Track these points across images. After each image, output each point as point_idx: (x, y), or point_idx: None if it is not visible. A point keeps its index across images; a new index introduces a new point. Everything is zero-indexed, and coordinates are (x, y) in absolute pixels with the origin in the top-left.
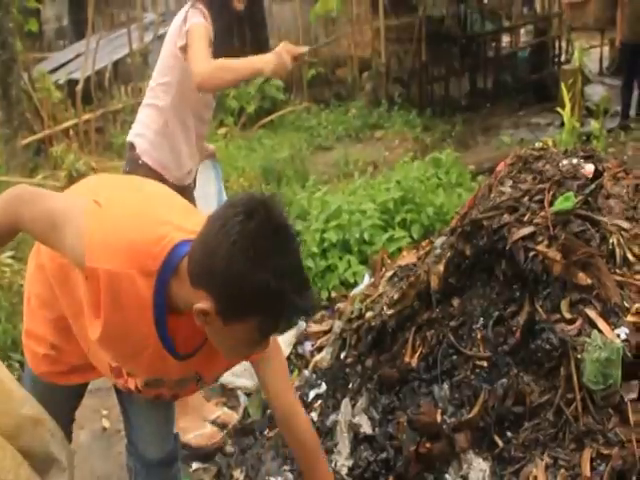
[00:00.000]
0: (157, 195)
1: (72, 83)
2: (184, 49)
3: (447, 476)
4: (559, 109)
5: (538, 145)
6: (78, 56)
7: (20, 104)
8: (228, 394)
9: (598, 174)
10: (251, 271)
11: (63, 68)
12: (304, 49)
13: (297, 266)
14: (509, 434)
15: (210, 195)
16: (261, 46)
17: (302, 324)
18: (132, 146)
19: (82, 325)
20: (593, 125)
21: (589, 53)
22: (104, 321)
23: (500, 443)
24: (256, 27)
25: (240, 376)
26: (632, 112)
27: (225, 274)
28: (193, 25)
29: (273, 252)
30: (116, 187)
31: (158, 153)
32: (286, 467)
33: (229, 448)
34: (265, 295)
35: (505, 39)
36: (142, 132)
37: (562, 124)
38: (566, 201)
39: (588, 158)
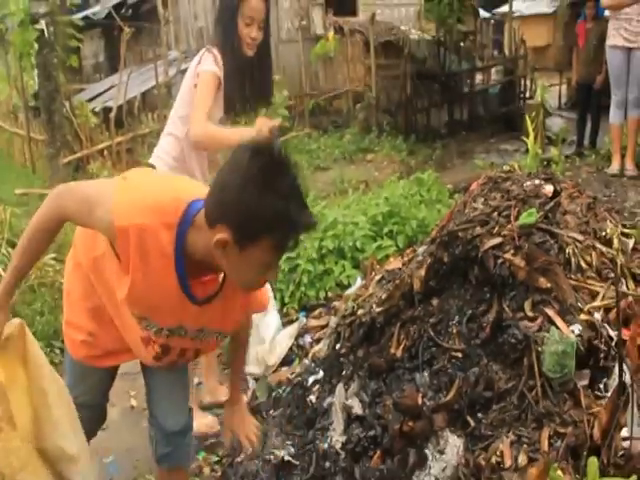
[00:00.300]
0: (175, 177)
1: (107, 110)
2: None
3: (426, 451)
4: (524, 138)
5: (506, 168)
6: (112, 87)
7: (62, 128)
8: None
9: (556, 193)
10: (260, 195)
11: (99, 97)
12: (277, 121)
13: (298, 189)
14: (480, 415)
15: None
16: (267, 88)
17: (303, 320)
18: (153, 167)
19: (115, 302)
20: (553, 152)
21: (550, 90)
22: (132, 276)
23: (472, 423)
24: (263, 71)
25: (249, 364)
26: (586, 141)
27: (238, 202)
28: (202, 72)
29: (277, 179)
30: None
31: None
32: (288, 442)
33: None
34: (273, 215)
35: (478, 77)
36: (162, 156)
37: (527, 150)
38: (529, 216)
39: (548, 180)
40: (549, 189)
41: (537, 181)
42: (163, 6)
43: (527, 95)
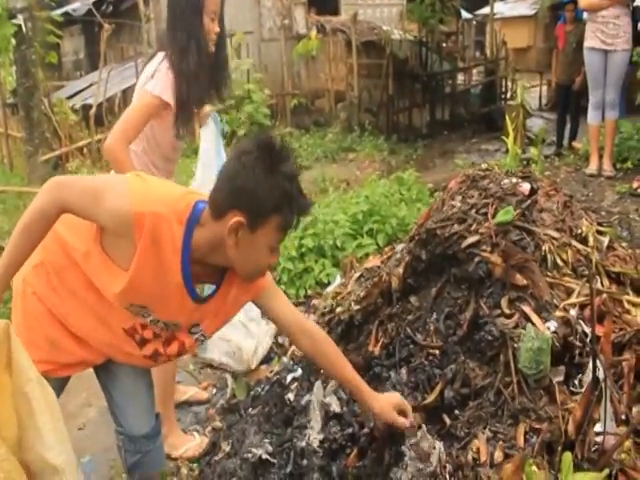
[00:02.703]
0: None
1: (86, 108)
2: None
3: (404, 448)
4: (504, 138)
5: (484, 166)
6: (92, 84)
7: (41, 125)
8: (218, 377)
9: (533, 192)
10: (268, 178)
11: (79, 95)
12: None
13: (298, 173)
14: (457, 412)
15: (211, 150)
16: (227, 83)
17: None
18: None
19: (95, 299)
20: (532, 152)
21: (530, 91)
22: (137, 266)
23: (448, 421)
24: (223, 66)
25: (229, 357)
26: (565, 142)
27: (249, 185)
28: (144, 93)
29: (282, 163)
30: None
31: None
32: (266, 440)
33: (218, 424)
34: (281, 194)
35: (460, 78)
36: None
37: (507, 150)
38: (506, 214)
39: (525, 178)
40: (526, 187)
41: (514, 179)
42: (144, 4)
43: (508, 96)
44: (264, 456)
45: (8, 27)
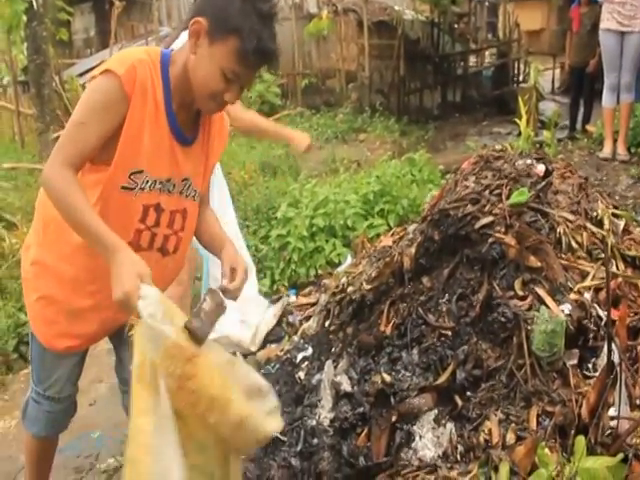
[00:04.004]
0: None
1: None
2: None
3: (415, 428)
4: (517, 120)
5: (498, 147)
6: (102, 62)
7: (52, 102)
8: None
9: (548, 173)
10: (242, 3)
11: (89, 72)
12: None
13: (272, 21)
14: (468, 394)
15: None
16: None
17: (293, 298)
18: None
19: (105, 199)
20: (545, 135)
21: (543, 74)
22: (128, 121)
23: (460, 402)
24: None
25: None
26: (578, 125)
27: (220, 1)
28: None
29: (261, 2)
30: None
31: None
32: None
33: None
34: (245, 21)
35: (472, 59)
36: None
37: (519, 133)
38: (521, 195)
39: (540, 159)
40: (541, 169)
41: (529, 160)
42: None
43: (520, 79)
44: (274, 434)
45: (19, 3)
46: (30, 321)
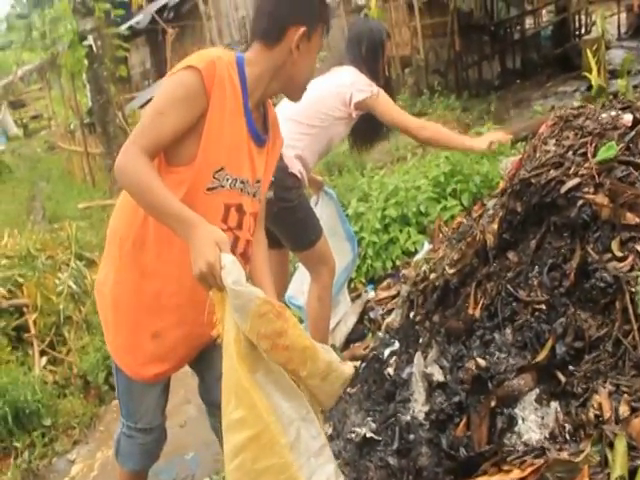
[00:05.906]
0: None
1: None
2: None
3: (516, 411)
4: (586, 74)
5: (576, 104)
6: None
7: (117, 138)
8: None
9: (637, 122)
10: None
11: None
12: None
13: None
14: (571, 368)
15: (335, 224)
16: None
17: (372, 293)
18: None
19: (193, 200)
20: (619, 83)
21: (607, 21)
22: (210, 117)
23: (563, 378)
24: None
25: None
26: None
27: (297, 3)
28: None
29: None
30: None
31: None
32: (369, 418)
33: None
34: (321, 5)
35: (528, 21)
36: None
37: (588, 88)
38: (609, 150)
39: (626, 108)
40: (628, 118)
41: (613, 112)
42: (203, 2)
43: (583, 31)
44: (368, 434)
45: (80, 50)
46: (113, 356)
